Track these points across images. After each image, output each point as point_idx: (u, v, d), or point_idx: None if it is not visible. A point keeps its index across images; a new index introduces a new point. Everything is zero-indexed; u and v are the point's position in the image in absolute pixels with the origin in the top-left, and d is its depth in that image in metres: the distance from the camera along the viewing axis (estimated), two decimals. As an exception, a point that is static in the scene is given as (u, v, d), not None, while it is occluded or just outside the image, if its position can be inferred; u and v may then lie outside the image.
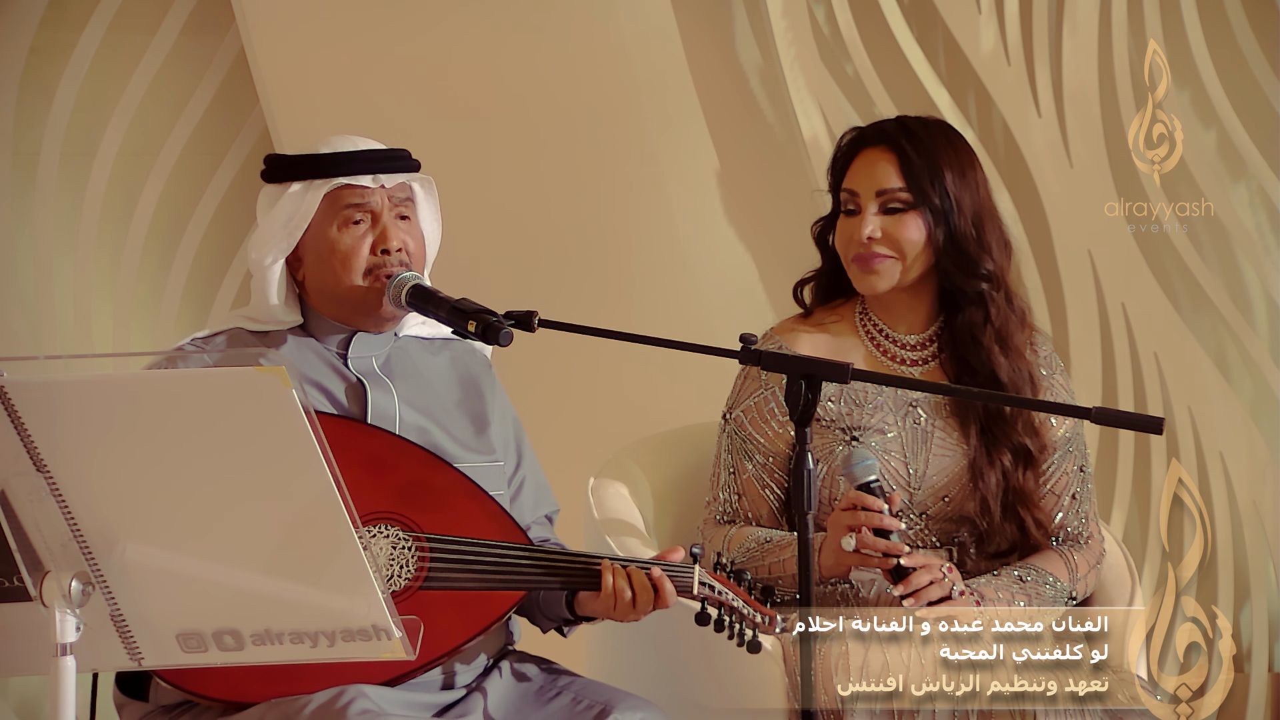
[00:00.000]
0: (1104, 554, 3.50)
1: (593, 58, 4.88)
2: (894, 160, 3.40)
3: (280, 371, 2.34)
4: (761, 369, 3.12)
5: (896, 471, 3.39)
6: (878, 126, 3.47)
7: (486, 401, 3.28)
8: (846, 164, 3.45)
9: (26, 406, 2.40)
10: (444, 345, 3.30)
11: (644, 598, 3.05)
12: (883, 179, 3.40)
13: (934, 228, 3.38)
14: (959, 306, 3.43)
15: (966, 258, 3.40)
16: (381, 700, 2.98)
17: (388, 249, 3.16)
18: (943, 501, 3.41)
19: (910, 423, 3.42)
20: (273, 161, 3.22)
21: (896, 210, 3.39)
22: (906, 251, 3.38)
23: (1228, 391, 4.94)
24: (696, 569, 3.06)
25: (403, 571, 3.02)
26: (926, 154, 3.39)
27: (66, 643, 2.45)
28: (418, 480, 3.06)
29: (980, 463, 3.39)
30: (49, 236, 4.75)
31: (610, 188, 4.89)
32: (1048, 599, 3.36)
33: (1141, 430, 3.14)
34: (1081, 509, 3.47)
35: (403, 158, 3.21)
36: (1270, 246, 4.96)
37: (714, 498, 3.48)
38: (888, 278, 3.40)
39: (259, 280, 3.19)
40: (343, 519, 2.41)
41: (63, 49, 4.75)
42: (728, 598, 3.05)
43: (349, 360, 3.20)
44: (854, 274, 3.43)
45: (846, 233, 3.42)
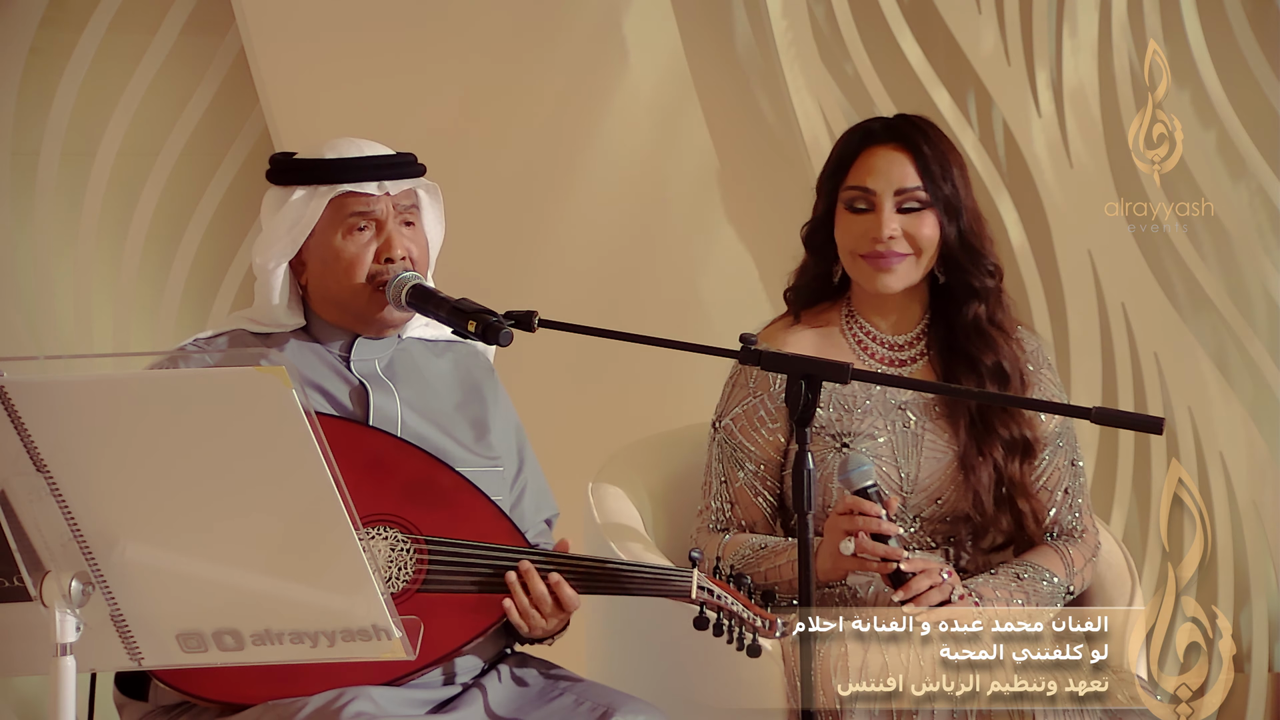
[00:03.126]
0: (1099, 547, 3.50)
1: (593, 57, 4.88)
2: (910, 158, 3.39)
3: (280, 372, 2.34)
4: (761, 369, 3.12)
5: (888, 476, 3.38)
6: (886, 123, 3.45)
7: (488, 406, 3.28)
8: (853, 160, 3.42)
9: (26, 406, 2.40)
10: (447, 348, 3.30)
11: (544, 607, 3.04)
12: (901, 178, 3.38)
13: (945, 225, 3.38)
14: (960, 302, 3.43)
15: (975, 253, 3.41)
16: (380, 700, 2.98)
17: (391, 257, 3.16)
18: (936, 503, 3.40)
19: (900, 426, 3.42)
20: (279, 163, 3.22)
21: (912, 209, 3.38)
22: (924, 248, 3.38)
23: (1228, 391, 4.94)
24: (695, 573, 3.06)
25: (401, 573, 3.02)
26: (937, 152, 3.40)
27: (66, 643, 2.45)
28: (418, 482, 3.06)
29: (970, 457, 3.39)
30: (49, 236, 4.75)
31: (610, 187, 4.89)
32: (1045, 595, 3.36)
33: (1141, 430, 3.14)
34: (1075, 503, 3.46)
35: (409, 163, 3.21)
36: (1270, 246, 4.96)
37: (706, 506, 3.47)
38: (904, 275, 3.39)
39: (262, 283, 3.19)
40: (343, 519, 2.41)
41: (63, 49, 4.75)
42: (726, 602, 3.05)
43: (351, 363, 3.20)
44: (864, 272, 3.40)
45: (858, 230, 3.39)
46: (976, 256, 3.40)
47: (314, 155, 3.19)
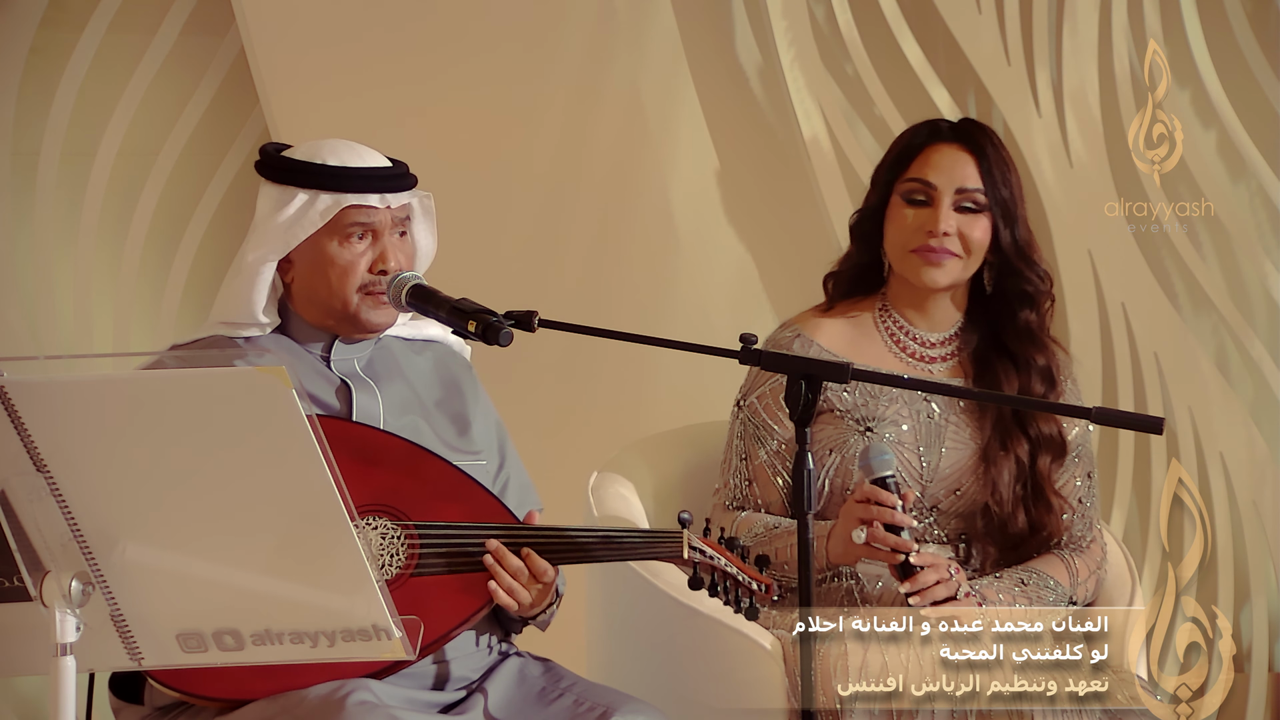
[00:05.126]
0: (1105, 559, 3.51)
1: (593, 57, 4.88)
2: (974, 160, 3.44)
3: (280, 372, 2.35)
4: (761, 368, 3.13)
5: (909, 464, 3.40)
6: (952, 124, 3.50)
7: (468, 402, 3.30)
8: (915, 155, 3.46)
9: (26, 406, 2.40)
10: (425, 346, 3.33)
11: (521, 578, 3.05)
12: (964, 177, 3.42)
13: (1001, 229, 3.42)
14: (1014, 306, 3.46)
15: (1029, 260, 3.45)
16: (380, 694, 2.99)
17: (385, 269, 3.17)
18: (954, 495, 3.42)
19: (924, 416, 3.44)
20: (278, 162, 3.21)
21: (969, 210, 3.42)
22: (974, 251, 3.42)
23: (1228, 391, 4.94)
24: (685, 533, 3.07)
25: (394, 560, 3.04)
26: (999, 158, 3.45)
27: (66, 643, 2.45)
28: (404, 471, 3.08)
29: (993, 450, 3.41)
30: (49, 236, 4.75)
31: (610, 187, 4.89)
32: (1048, 602, 3.37)
33: (1141, 430, 3.14)
34: (1087, 515, 3.48)
35: (406, 174, 3.22)
36: (1270, 246, 4.96)
37: (724, 484, 3.50)
38: (951, 274, 3.42)
39: (246, 279, 3.19)
40: (343, 519, 2.41)
41: (63, 49, 4.75)
42: (720, 563, 3.06)
43: (332, 363, 3.22)
44: (912, 265, 3.43)
45: (915, 223, 3.42)
46: (1030, 263, 3.45)
47: (313, 158, 3.18)
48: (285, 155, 3.22)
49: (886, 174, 3.48)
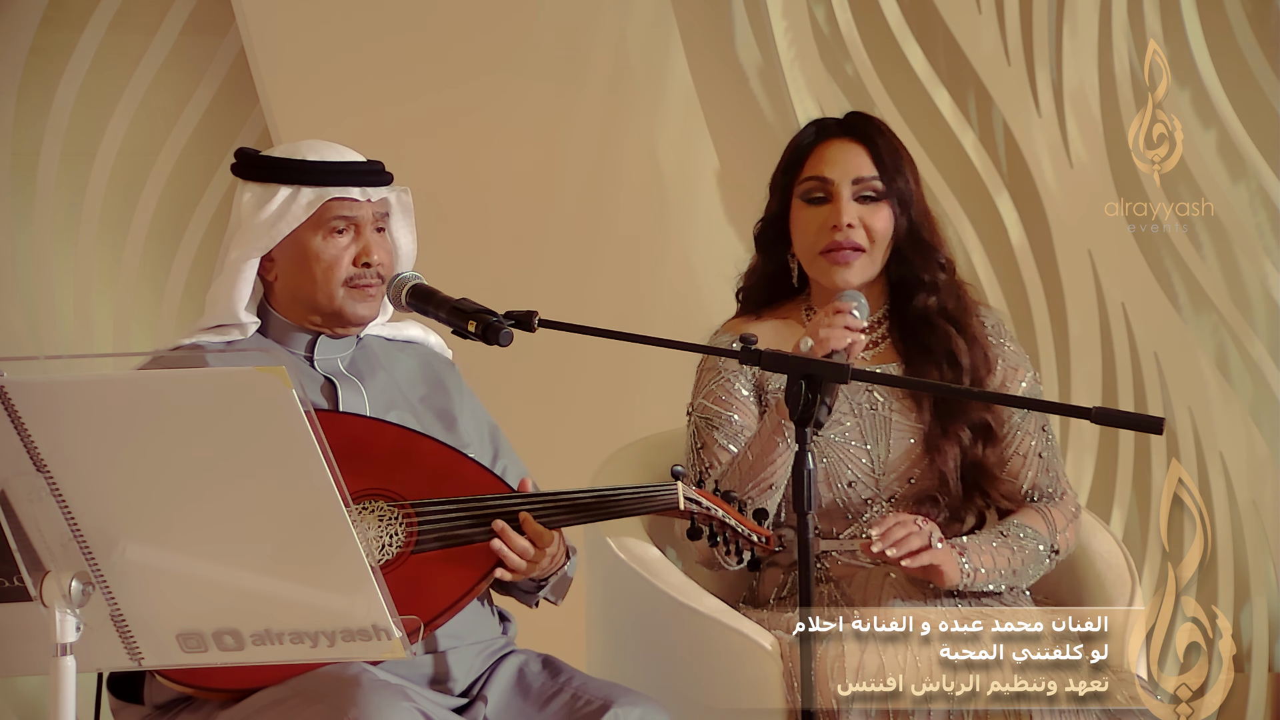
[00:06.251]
0: (1079, 509, 3.52)
1: (593, 58, 4.88)
2: (865, 151, 3.45)
3: (280, 372, 2.35)
4: (761, 368, 3.13)
5: (859, 459, 3.40)
6: (836, 120, 3.52)
7: (453, 397, 3.32)
8: (807, 154, 3.48)
9: (26, 406, 2.40)
10: (407, 345, 3.35)
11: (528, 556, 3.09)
12: (858, 167, 3.44)
13: (899, 216, 3.44)
14: (911, 294, 3.47)
15: (926, 246, 3.46)
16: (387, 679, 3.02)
17: (369, 262, 3.19)
18: (908, 483, 3.42)
19: (867, 409, 3.44)
20: (257, 160, 3.23)
21: (869, 199, 3.43)
22: (877, 241, 3.43)
23: (1228, 391, 4.95)
24: (679, 485, 3.11)
25: (394, 540, 3.06)
26: (890, 146, 3.47)
27: (66, 643, 2.45)
28: (396, 453, 3.12)
29: (935, 438, 3.41)
30: (49, 236, 4.75)
31: (610, 187, 4.89)
32: (1030, 549, 3.38)
33: (1141, 430, 3.14)
34: (1051, 467, 3.48)
35: (382, 170, 3.25)
36: (1270, 246, 4.96)
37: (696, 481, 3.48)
38: (860, 271, 3.43)
39: (228, 278, 3.21)
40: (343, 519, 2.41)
41: (63, 49, 4.75)
42: (718, 514, 3.10)
43: (315, 362, 3.24)
44: (822, 268, 3.44)
45: (816, 222, 3.44)
46: (927, 250, 3.46)
47: (292, 155, 3.21)
48: (264, 155, 3.24)
49: (783, 179, 3.51)
